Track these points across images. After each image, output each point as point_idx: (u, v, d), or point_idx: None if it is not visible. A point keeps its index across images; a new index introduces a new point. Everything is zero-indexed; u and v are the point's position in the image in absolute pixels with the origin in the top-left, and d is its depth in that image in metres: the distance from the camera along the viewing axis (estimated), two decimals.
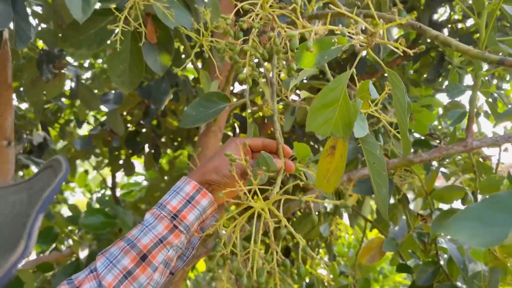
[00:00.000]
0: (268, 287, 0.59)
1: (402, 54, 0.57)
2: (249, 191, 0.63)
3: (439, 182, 1.61)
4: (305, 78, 1.68)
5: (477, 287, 1.05)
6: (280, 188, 0.67)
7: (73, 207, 1.80)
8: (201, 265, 2.99)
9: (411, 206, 1.52)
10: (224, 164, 0.66)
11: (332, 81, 0.62)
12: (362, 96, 0.78)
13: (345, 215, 2.29)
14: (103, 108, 1.79)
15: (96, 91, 1.99)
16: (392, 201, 1.52)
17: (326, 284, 2.05)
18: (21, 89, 1.72)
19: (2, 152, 1.36)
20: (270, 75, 1.00)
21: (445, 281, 1.09)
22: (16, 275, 1.32)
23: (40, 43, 1.85)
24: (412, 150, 1.31)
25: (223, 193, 0.68)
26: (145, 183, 3.13)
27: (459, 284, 1.08)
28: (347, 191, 1.90)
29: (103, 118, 2.47)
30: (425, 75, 2.10)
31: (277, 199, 0.63)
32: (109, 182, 2.72)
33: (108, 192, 3.01)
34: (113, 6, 0.86)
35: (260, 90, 1.57)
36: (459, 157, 1.27)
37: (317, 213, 1.86)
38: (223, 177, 0.66)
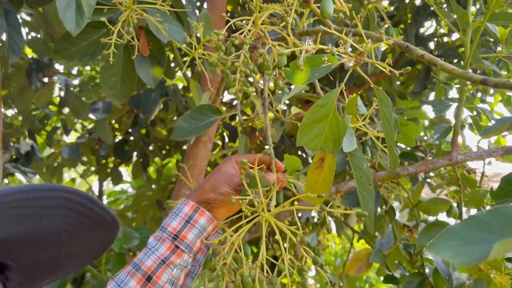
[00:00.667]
0: None
1: (388, 73, 0.59)
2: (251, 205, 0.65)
3: (424, 191, 1.63)
4: None
5: None
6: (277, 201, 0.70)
7: None
8: None
9: (397, 217, 1.55)
10: (219, 182, 0.68)
11: (322, 97, 0.64)
12: (351, 111, 0.80)
13: (333, 225, 2.31)
14: (92, 116, 1.79)
15: (84, 98, 1.98)
16: (379, 211, 1.55)
17: None
18: (9, 96, 1.70)
19: None
20: (261, 84, 1.02)
21: None
22: None
23: (29, 51, 1.84)
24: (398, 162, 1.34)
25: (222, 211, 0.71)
26: (131, 190, 3.10)
27: None
28: (335, 201, 1.92)
29: (91, 126, 2.45)
30: (411, 87, 2.14)
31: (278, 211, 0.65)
32: (95, 189, 2.70)
33: None
34: (106, 19, 0.87)
35: (251, 99, 1.58)
36: (444, 170, 1.30)
37: (305, 222, 1.88)
38: (219, 194, 0.68)
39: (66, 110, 2.21)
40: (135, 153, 2.20)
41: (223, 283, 0.60)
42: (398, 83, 2.31)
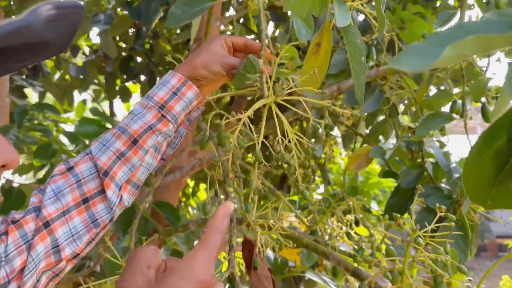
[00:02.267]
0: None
1: None
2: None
3: None
4: None
5: (459, 188, 1.09)
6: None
7: (70, 135, 1.83)
8: (202, 194, 3.08)
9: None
10: (212, 60, 0.67)
11: None
12: None
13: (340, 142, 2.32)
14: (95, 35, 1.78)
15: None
16: (382, 117, 1.54)
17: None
18: (9, 9, 1.69)
19: None
20: None
21: (429, 184, 1.13)
22: (19, 188, 1.37)
23: None
24: None
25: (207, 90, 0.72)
26: None
27: (443, 185, 1.12)
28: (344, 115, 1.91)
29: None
30: None
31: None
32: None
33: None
34: None
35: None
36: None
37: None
38: (211, 73, 0.67)
39: None
40: (142, 76, 2.21)
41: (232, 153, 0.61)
42: None
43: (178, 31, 1.93)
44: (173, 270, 0.37)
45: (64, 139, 1.66)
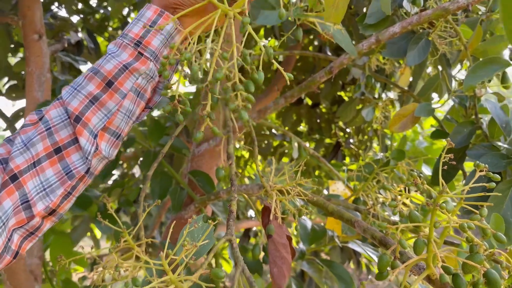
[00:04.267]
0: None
1: None
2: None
3: None
4: None
5: None
6: None
7: None
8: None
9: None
10: None
11: None
12: None
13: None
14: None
15: None
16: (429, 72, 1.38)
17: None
18: None
19: (34, 46, 1.40)
20: None
21: (484, 142, 0.99)
22: None
23: None
24: None
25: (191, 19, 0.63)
26: None
27: (500, 143, 0.97)
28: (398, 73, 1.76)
29: None
30: None
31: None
32: None
33: None
34: None
35: None
36: None
37: (359, 96, 1.75)
38: None
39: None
40: None
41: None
42: None
43: None
44: None
45: None
